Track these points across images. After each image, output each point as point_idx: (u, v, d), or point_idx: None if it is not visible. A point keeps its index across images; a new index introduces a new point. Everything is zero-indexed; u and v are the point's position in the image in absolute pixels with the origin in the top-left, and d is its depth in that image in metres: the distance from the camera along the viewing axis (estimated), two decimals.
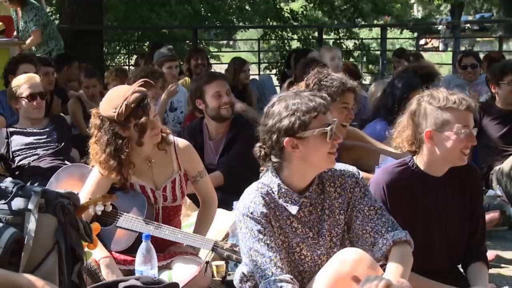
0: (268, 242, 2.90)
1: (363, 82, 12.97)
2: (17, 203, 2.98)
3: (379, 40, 18.03)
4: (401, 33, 20.83)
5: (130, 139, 4.09)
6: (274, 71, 18.34)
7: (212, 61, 19.73)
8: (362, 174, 3.33)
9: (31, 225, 2.93)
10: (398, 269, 2.85)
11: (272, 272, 2.82)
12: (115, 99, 4.08)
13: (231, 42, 28.39)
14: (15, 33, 9.27)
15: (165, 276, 4.02)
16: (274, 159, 3.02)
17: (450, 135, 3.22)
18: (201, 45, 17.60)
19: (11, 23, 8.98)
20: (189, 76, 8.98)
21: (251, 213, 2.93)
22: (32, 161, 5.82)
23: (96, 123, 4.12)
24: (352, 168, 3.16)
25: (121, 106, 4.00)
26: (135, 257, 3.94)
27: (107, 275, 3.96)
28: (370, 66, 19.40)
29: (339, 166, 3.13)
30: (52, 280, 2.93)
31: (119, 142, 4.05)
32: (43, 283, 2.28)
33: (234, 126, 5.61)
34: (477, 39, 25.17)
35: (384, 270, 2.90)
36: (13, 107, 6.08)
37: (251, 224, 2.92)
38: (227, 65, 9.73)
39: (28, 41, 9.19)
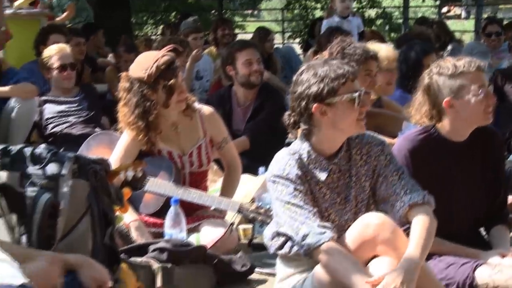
0: (304, 198, 2.92)
1: None
2: (51, 168, 3.00)
3: (401, 9, 17.87)
4: (423, 1, 20.55)
5: (157, 102, 4.13)
6: (297, 40, 18.24)
7: (237, 30, 19.67)
8: (386, 139, 3.35)
9: (65, 189, 2.96)
10: (420, 238, 2.83)
11: (313, 220, 2.84)
12: (146, 61, 4.16)
13: (255, 12, 28.22)
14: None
15: (194, 239, 4.06)
16: (303, 125, 3.02)
17: (469, 98, 3.20)
18: (226, 15, 17.55)
19: None
20: (215, 46, 9.00)
21: (286, 175, 2.94)
22: (64, 128, 5.88)
23: (125, 86, 4.19)
24: (379, 137, 3.17)
25: (151, 67, 4.08)
26: (164, 220, 3.99)
27: (137, 238, 4.00)
28: (392, 34, 19.21)
29: (366, 134, 3.13)
30: (85, 242, 2.97)
31: (147, 104, 4.11)
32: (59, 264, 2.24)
33: (261, 93, 5.61)
34: (500, 6, 24.82)
35: (407, 235, 2.91)
36: (45, 76, 6.12)
37: (287, 183, 2.93)
38: (251, 34, 9.72)
39: (63, 15, 9.24)
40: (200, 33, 8.60)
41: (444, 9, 21.67)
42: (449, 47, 8.80)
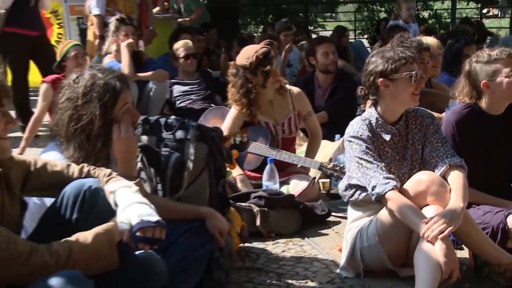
0: (374, 155, 2.90)
1: None
2: (179, 134, 3.05)
3: (449, 10, 17.31)
4: (467, 4, 19.85)
5: (257, 84, 4.15)
6: (366, 36, 17.93)
7: (318, 29, 19.44)
8: (435, 114, 3.29)
9: (190, 150, 3.00)
10: (460, 190, 2.77)
11: (379, 173, 2.82)
12: (248, 52, 4.21)
13: (333, 14, 27.82)
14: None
15: (284, 189, 4.07)
16: (371, 96, 3.02)
17: (502, 80, 3.12)
18: (311, 17, 17.34)
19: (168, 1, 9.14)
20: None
21: (360, 135, 2.93)
22: (188, 104, 5.96)
23: (233, 71, 4.25)
24: (430, 112, 3.11)
25: (252, 57, 4.12)
26: (262, 175, 4.01)
27: (242, 188, 4.04)
28: (442, 31, 18.62)
29: (420, 109, 3.09)
30: (204, 190, 3.00)
31: (249, 86, 4.16)
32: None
33: (337, 78, 5.53)
34: None
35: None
36: (174, 64, 6.21)
37: (360, 142, 2.92)
38: (330, 32, 9.61)
39: (193, 16, 9.34)
40: (290, 31, 8.60)
41: (484, 10, 20.75)
42: (487, 41, 8.49)
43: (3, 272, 1.86)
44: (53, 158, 2.43)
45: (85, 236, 1.98)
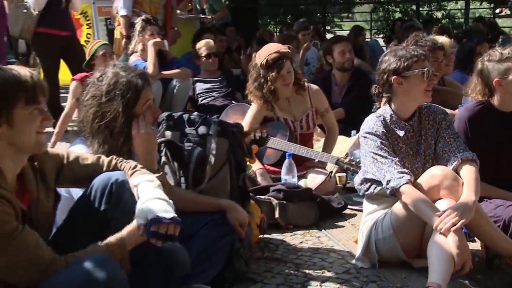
0: (388, 150, 2.88)
1: None
2: (202, 129, 3.05)
3: (463, 10, 17.11)
4: (480, 4, 19.59)
5: (269, 81, 4.15)
6: (381, 35, 17.81)
7: (335, 28, 19.33)
8: (448, 111, 3.27)
9: (212, 145, 3.00)
10: (472, 184, 2.74)
11: (394, 167, 2.80)
12: (265, 52, 4.21)
13: (350, 15, 27.64)
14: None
15: (302, 183, 4.06)
16: (385, 94, 3.00)
17: None
18: (328, 17, 17.25)
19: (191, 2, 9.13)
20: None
21: (375, 132, 2.91)
22: (210, 101, 5.97)
23: (252, 64, 4.28)
24: (442, 109, 3.09)
25: (264, 58, 4.14)
26: (281, 169, 4.00)
27: (261, 181, 4.03)
28: (455, 31, 18.41)
29: (433, 105, 3.06)
30: (225, 183, 3.01)
31: (261, 81, 4.16)
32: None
33: (354, 76, 5.49)
34: None
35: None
36: (197, 63, 6.22)
37: (375, 138, 2.90)
38: (347, 31, 9.57)
39: (217, 15, 9.30)
40: (307, 30, 8.59)
41: (497, 10, 20.47)
42: (500, 40, 8.36)
43: (22, 274, 1.88)
44: (80, 151, 2.46)
45: (98, 248, 1.99)
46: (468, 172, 2.80)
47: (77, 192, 2.29)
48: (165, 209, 2.00)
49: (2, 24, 2.68)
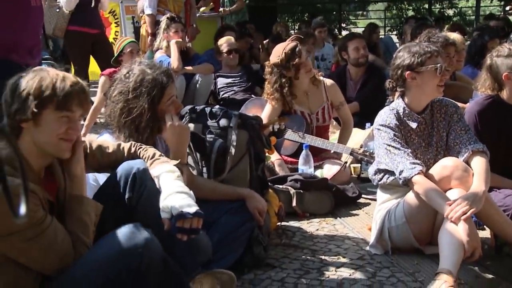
0: (401, 142, 2.85)
1: None
2: (223, 122, 3.05)
3: (473, 8, 16.88)
4: (491, 1, 19.31)
5: (290, 77, 4.14)
6: (395, 32, 17.65)
7: (350, 26, 19.18)
8: (460, 105, 3.21)
9: (233, 137, 3.00)
10: (482, 174, 2.70)
11: (406, 158, 2.77)
12: (278, 51, 4.19)
13: (364, 12, 27.41)
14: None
15: (319, 173, 4.04)
16: (399, 88, 2.96)
17: None
18: (343, 15, 17.12)
19: (218, 2, 9.06)
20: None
21: (388, 124, 2.88)
22: (230, 95, 5.96)
23: (268, 70, 4.26)
24: (454, 102, 3.05)
25: (282, 54, 4.11)
26: (298, 160, 3.99)
27: (279, 171, 4.03)
28: (467, 28, 18.19)
29: (445, 99, 3.02)
30: (245, 173, 3.00)
31: (282, 81, 4.15)
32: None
33: (368, 71, 5.44)
34: None
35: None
36: (218, 59, 6.21)
37: (388, 130, 2.87)
38: (362, 29, 9.49)
39: (233, 7, 9.20)
40: (324, 27, 8.52)
41: (507, 7, 20.16)
42: (511, 36, 8.20)
43: (51, 262, 1.87)
44: (107, 140, 2.47)
45: None
46: (479, 163, 2.76)
47: (103, 180, 2.30)
48: (188, 204, 1.99)
49: (40, 21, 2.70)
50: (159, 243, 1.91)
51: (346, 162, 4.09)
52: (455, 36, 4.77)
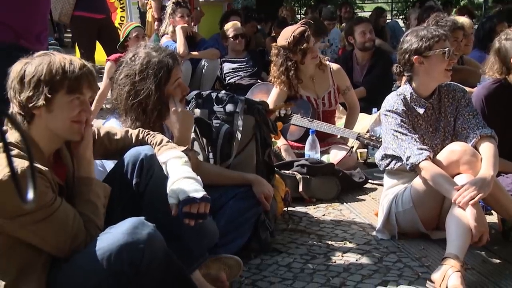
0: (408, 127, 2.83)
1: None
2: (229, 107, 3.04)
3: None
4: None
5: (296, 61, 4.12)
6: (401, 17, 17.52)
7: (357, 10, 19.04)
8: (467, 89, 3.18)
9: (239, 122, 2.99)
10: (490, 159, 2.68)
11: (413, 144, 2.76)
12: (286, 33, 4.18)
13: None
14: None
15: (325, 158, 4.03)
16: (406, 73, 2.93)
17: None
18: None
19: None
20: (339, 23, 8.85)
21: (395, 109, 2.86)
22: (236, 80, 5.94)
23: (275, 52, 4.24)
24: (461, 87, 3.01)
25: (290, 37, 4.09)
26: (304, 145, 3.98)
27: (286, 156, 4.02)
28: (476, 12, 17.99)
29: (452, 84, 2.99)
30: (251, 159, 2.99)
31: (288, 64, 4.13)
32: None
33: (375, 55, 5.40)
34: None
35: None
36: (224, 44, 6.18)
37: (395, 115, 2.85)
38: (369, 13, 9.43)
39: None
40: (333, 20, 8.51)
41: None
42: None
43: (61, 244, 1.87)
44: (113, 125, 2.46)
45: None
46: (487, 148, 2.73)
47: (110, 166, 2.30)
48: (195, 189, 1.99)
49: (48, 7, 2.69)
50: (163, 238, 1.91)
51: (352, 147, 4.08)
52: (463, 20, 4.72)
